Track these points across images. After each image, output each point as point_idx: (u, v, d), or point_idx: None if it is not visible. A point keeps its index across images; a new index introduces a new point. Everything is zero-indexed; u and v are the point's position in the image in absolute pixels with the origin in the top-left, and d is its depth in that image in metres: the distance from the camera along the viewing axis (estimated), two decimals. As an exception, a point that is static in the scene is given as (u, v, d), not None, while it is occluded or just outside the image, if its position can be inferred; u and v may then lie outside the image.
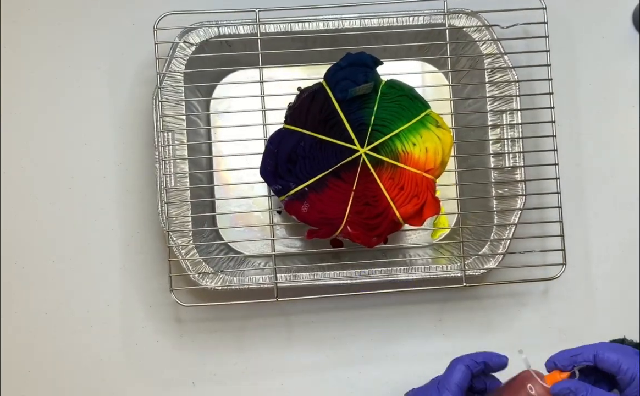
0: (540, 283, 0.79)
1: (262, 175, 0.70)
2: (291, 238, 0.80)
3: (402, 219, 0.69)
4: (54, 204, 0.79)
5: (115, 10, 0.81)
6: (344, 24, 0.76)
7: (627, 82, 0.82)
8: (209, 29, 0.75)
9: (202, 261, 0.74)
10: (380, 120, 0.70)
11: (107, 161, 0.80)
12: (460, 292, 0.79)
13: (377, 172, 0.69)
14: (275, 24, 0.75)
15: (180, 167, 0.75)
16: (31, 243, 0.79)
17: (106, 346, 0.78)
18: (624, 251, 0.81)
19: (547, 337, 0.79)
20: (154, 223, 0.79)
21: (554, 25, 0.77)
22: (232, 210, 0.80)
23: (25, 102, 0.80)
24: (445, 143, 0.69)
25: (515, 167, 0.75)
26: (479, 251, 0.76)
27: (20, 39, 0.80)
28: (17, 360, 0.78)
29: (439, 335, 0.79)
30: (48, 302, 0.79)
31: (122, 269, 0.79)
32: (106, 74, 0.80)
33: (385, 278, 0.74)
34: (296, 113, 0.70)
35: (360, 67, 0.69)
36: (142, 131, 0.80)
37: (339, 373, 0.79)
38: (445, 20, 0.75)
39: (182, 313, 0.79)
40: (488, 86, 0.76)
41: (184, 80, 0.75)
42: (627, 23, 0.83)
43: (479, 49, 0.76)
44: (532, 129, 0.77)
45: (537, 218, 0.76)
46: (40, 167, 0.79)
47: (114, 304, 0.79)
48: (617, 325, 0.79)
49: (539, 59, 0.75)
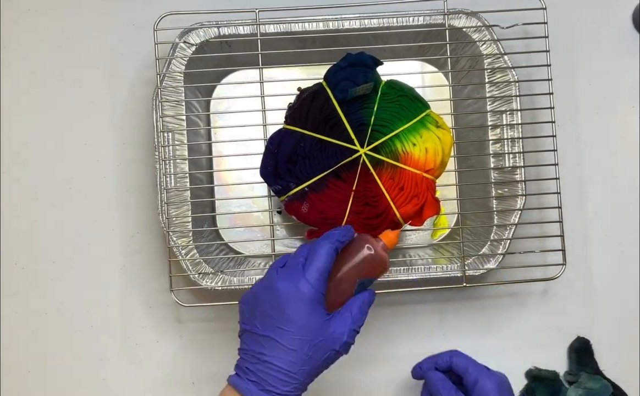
0: (540, 283, 0.79)
1: (262, 175, 0.70)
2: (291, 238, 0.80)
3: (402, 220, 0.69)
4: (54, 204, 0.79)
5: (115, 10, 0.81)
6: (344, 24, 0.76)
7: (627, 82, 0.82)
8: (209, 29, 0.75)
9: (202, 262, 0.74)
10: (380, 120, 0.70)
11: (107, 161, 0.80)
12: (460, 292, 0.79)
13: (377, 173, 0.69)
14: (275, 24, 0.75)
15: (180, 167, 0.75)
16: (31, 243, 0.79)
17: (106, 346, 0.78)
18: (624, 251, 0.81)
19: (547, 337, 0.79)
20: (154, 223, 0.79)
21: (554, 25, 0.77)
22: (232, 210, 0.80)
23: (25, 102, 0.80)
24: (445, 143, 0.69)
25: (515, 167, 0.75)
26: (479, 252, 0.76)
27: (20, 39, 0.80)
28: (17, 360, 0.78)
29: (439, 335, 0.79)
30: (48, 302, 0.79)
31: (122, 269, 0.79)
32: (106, 74, 0.80)
33: (386, 278, 0.74)
34: (296, 113, 0.70)
35: (360, 67, 0.69)
36: (142, 131, 0.80)
37: (339, 373, 0.79)
38: (445, 21, 0.75)
39: (182, 313, 0.79)
40: (488, 86, 0.76)
41: (184, 80, 0.75)
42: (627, 23, 0.83)
43: (479, 50, 0.76)
44: (532, 129, 0.77)
45: (537, 218, 0.76)
46: (40, 167, 0.79)
47: (114, 304, 0.79)
48: (617, 325, 0.80)
49: (539, 59, 0.75)
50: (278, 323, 0.56)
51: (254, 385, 0.56)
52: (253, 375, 0.56)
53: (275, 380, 0.56)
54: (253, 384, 0.56)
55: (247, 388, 0.56)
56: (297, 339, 0.56)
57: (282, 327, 0.56)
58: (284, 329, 0.56)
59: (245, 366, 0.57)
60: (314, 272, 0.57)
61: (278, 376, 0.56)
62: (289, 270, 0.58)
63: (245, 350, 0.58)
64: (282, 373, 0.56)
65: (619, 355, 0.79)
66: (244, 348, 0.58)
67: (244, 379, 0.57)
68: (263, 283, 0.59)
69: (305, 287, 0.56)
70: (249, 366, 0.57)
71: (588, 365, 0.77)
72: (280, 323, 0.56)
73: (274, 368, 0.56)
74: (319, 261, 0.57)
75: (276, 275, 0.58)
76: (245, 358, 0.57)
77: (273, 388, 0.55)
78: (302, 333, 0.56)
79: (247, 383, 0.56)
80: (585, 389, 0.75)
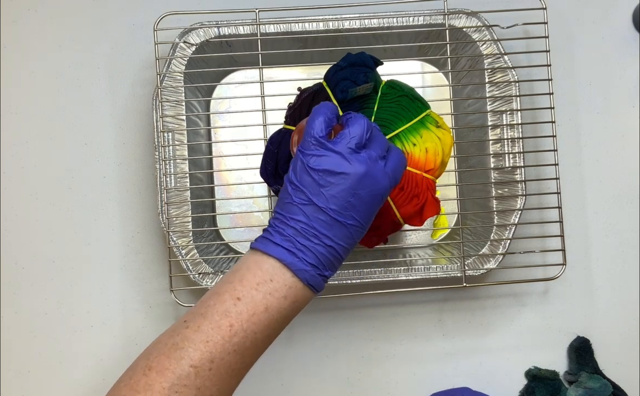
0: (540, 283, 0.79)
1: (262, 175, 0.70)
2: (291, 238, 0.80)
3: (403, 220, 0.69)
4: (54, 204, 0.79)
5: (115, 11, 0.81)
6: (344, 24, 0.76)
7: (627, 82, 0.82)
8: (209, 29, 0.75)
9: (202, 262, 0.75)
10: (381, 120, 0.70)
11: (107, 161, 0.80)
12: (460, 292, 0.79)
13: (377, 173, 0.69)
14: (275, 24, 0.75)
15: (180, 167, 0.75)
16: (31, 243, 0.79)
17: (106, 346, 0.78)
18: (624, 251, 0.81)
19: (547, 337, 0.80)
20: (154, 223, 0.79)
21: (554, 25, 0.77)
22: (232, 210, 0.80)
23: (25, 102, 0.80)
24: (445, 143, 0.69)
25: (515, 167, 0.75)
26: (479, 252, 0.76)
27: (20, 39, 0.80)
28: (17, 360, 0.78)
29: (439, 335, 0.79)
30: (48, 302, 0.79)
31: (122, 269, 0.79)
32: (106, 74, 0.80)
33: (386, 278, 0.74)
34: (296, 113, 0.70)
35: (361, 67, 0.69)
36: (142, 131, 0.80)
37: (339, 373, 0.79)
38: (445, 21, 0.75)
39: (182, 313, 0.79)
40: (488, 86, 0.76)
41: (184, 80, 0.75)
42: (627, 23, 0.83)
43: (479, 49, 0.76)
44: (532, 129, 0.77)
45: (537, 218, 0.76)
46: (40, 167, 0.79)
47: (114, 304, 0.79)
48: (617, 325, 0.80)
49: (539, 59, 0.75)
50: (358, 215, 0.52)
51: (312, 269, 0.52)
52: (310, 255, 0.51)
53: (331, 266, 0.53)
54: (312, 267, 0.51)
55: (304, 269, 0.51)
56: (363, 231, 0.54)
57: (360, 221, 0.52)
58: (361, 224, 0.53)
59: (300, 242, 0.51)
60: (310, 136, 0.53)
61: (335, 264, 0.53)
62: (381, 166, 0.54)
63: (304, 223, 0.51)
64: (339, 261, 0.53)
65: (619, 355, 0.79)
66: (302, 220, 0.51)
67: (300, 258, 0.51)
68: (357, 167, 0.52)
69: (388, 191, 0.54)
70: (306, 243, 0.51)
71: (588, 364, 0.77)
72: (361, 216, 0.52)
73: (338, 257, 0.53)
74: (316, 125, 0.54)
75: (383, 171, 0.53)
76: (303, 233, 0.51)
77: (327, 273, 0.53)
78: (367, 225, 0.54)
79: (304, 264, 0.51)
80: (585, 388, 0.75)
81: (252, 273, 0.52)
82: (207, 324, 0.50)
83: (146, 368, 0.50)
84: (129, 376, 0.51)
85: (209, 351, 0.49)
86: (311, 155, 0.52)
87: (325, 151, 0.52)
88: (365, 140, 0.54)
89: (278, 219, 0.53)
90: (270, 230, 0.53)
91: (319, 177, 0.52)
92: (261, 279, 0.51)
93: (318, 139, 0.53)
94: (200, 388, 0.49)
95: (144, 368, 0.50)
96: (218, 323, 0.50)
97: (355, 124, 0.54)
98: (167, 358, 0.50)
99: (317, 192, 0.52)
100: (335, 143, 0.53)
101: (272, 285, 0.51)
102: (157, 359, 0.50)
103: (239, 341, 0.50)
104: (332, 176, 0.52)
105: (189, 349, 0.49)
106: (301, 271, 0.51)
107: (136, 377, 0.50)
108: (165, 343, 0.51)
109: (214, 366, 0.50)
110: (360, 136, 0.53)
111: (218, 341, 0.50)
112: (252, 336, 0.51)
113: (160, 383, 0.49)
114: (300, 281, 0.52)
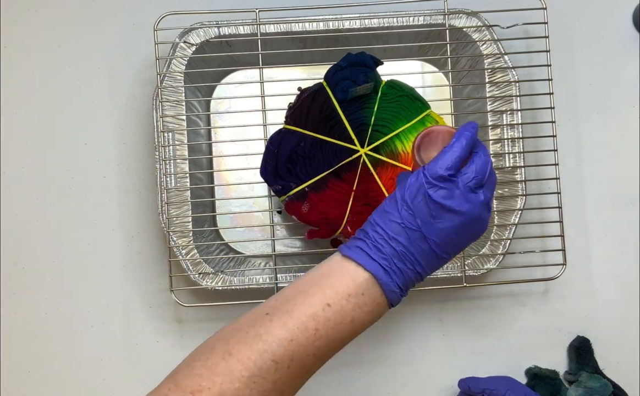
0: (540, 283, 0.79)
1: (263, 175, 0.70)
2: (291, 238, 0.80)
3: (403, 220, 0.69)
4: (54, 204, 0.79)
5: (115, 10, 0.81)
6: (344, 24, 0.76)
7: (627, 82, 0.82)
8: (209, 29, 0.75)
9: (203, 261, 0.74)
10: (381, 120, 0.70)
11: (107, 161, 0.80)
12: (460, 292, 0.79)
13: (378, 173, 0.69)
14: (275, 24, 0.75)
15: (180, 167, 0.75)
16: (31, 243, 0.79)
17: (106, 346, 0.78)
18: (624, 251, 0.81)
19: (547, 337, 0.79)
20: (154, 223, 0.79)
21: (554, 25, 0.77)
22: (232, 210, 0.80)
23: (25, 102, 0.80)
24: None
25: (515, 167, 0.75)
26: (479, 251, 0.76)
27: (20, 39, 0.80)
28: (17, 360, 0.78)
29: (439, 335, 0.79)
30: (48, 302, 0.79)
31: (122, 269, 0.79)
32: (106, 74, 0.80)
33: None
34: (296, 113, 0.70)
35: (361, 67, 0.69)
36: (142, 131, 0.80)
37: (339, 373, 0.79)
38: (445, 21, 0.75)
39: (182, 313, 0.79)
40: (488, 86, 0.76)
41: (184, 80, 0.75)
42: (627, 23, 0.83)
43: (479, 49, 0.76)
44: (532, 129, 0.77)
45: (537, 218, 0.76)
46: (40, 167, 0.79)
47: (114, 304, 0.79)
48: (617, 325, 0.80)
49: (539, 59, 0.75)
50: (454, 251, 0.53)
51: (399, 291, 0.52)
52: (401, 278, 0.52)
53: (409, 289, 0.53)
54: (399, 289, 0.52)
55: (394, 290, 0.52)
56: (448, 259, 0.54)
57: (452, 256, 0.53)
58: (452, 258, 0.53)
59: (396, 264, 0.51)
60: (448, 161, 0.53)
61: (414, 281, 0.53)
62: (490, 208, 0.54)
63: (404, 246, 0.51)
64: (419, 279, 0.54)
65: (618, 354, 0.79)
66: (403, 243, 0.51)
67: (393, 279, 0.52)
68: (472, 209, 0.52)
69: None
70: (400, 266, 0.51)
71: (588, 364, 0.77)
72: (455, 252, 0.53)
73: (419, 282, 0.53)
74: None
75: (488, 211, 0.53)
76: (400, 256, 0.51)
77: (405, 294, 0.53)
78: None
79: (394, 285, 0.52)
80: (585, 388, 0.75)
81: (345, 283, 0.51)
82: (293, 324, 0.50)
83: (226, 353, 0.49)
84: (204, 357, 0.50)
85: (292, 349, 0.50)
86: (437, 186, 0.51)
87: (450, 186, 0.51)
88: (485, 180, 0.53)
89: (378, 233, 0.52)
90: (367, 242, 0.52)
91: (434, 208, 0.51)
92: (353, 291, 0.51)
93: (448, 176, 0.51)
94: (276, 382, 0.49)
95: (224, 352, 0.49)
96: (305, 325, 0.50)
97: (481, 162, 0.53)
98: (249, 348, 0.49)
99: (428, 223, 0.51)
100: (459, 177, 0.52)
101: (363, 299, 0.51)
102: (237, 346, 0.49)
103: (321, 345, 0.51)
104: (447, 211, 0.51)
105: (272, 344, 0.49)
106: (391, 291, 0.52)
107: (214, 359, 0.49)
108: (246, 331, 0.50)
109: (292, 365, 0.50)
110: (483, 177, 0.52)
111: (302, 342, 0.50)
112: (332, 343, 0.52)
113: (240, 371, 0.48)
114: (387, 300, 0.52)
